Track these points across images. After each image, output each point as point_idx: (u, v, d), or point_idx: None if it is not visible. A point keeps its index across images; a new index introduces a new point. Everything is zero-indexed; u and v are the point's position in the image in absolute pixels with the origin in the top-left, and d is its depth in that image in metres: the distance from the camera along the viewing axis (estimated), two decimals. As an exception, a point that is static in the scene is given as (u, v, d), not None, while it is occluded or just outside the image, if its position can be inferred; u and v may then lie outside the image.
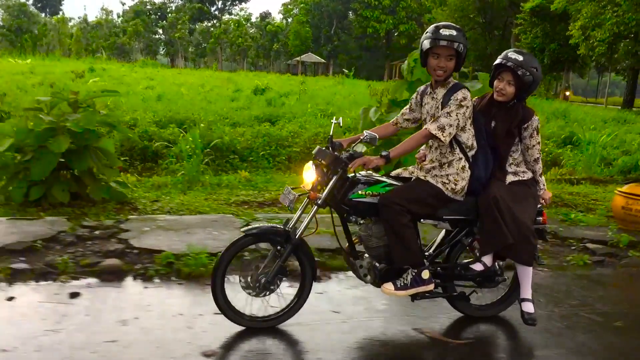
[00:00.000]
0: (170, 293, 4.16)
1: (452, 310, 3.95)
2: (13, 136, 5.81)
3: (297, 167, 8.75)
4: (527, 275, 3.74)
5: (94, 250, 4.62)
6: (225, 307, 3.50)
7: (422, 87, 3.78)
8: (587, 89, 78.78)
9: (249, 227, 3.55)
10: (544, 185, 3.82)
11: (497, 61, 3.64)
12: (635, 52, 22.67)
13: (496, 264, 3.78)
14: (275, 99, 18.54)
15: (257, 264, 3.55)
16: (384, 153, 3.35)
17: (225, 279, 3.48)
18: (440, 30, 3.43)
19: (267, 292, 3.52)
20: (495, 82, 3.65)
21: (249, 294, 3.50)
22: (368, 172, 3.58)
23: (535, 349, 3.61)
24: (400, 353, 3.47)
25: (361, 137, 3.41)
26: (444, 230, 3.82)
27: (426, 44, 3.43)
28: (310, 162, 3.55)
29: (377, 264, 3.59)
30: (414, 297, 3.63)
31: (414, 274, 3.51)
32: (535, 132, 3.68)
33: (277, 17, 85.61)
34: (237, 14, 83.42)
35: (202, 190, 7.03)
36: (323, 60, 66.29)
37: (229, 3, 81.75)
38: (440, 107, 3.51)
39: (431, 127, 3.42)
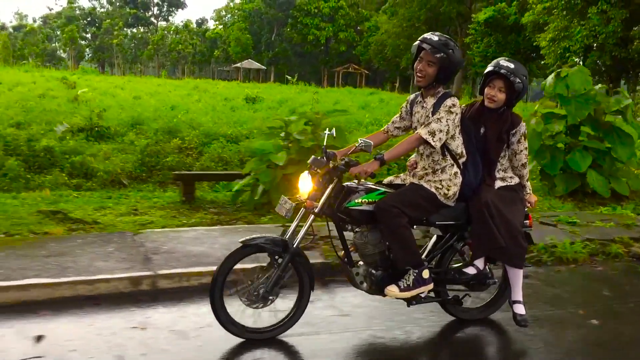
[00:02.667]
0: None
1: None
2: (274, 151, 6.48)
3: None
4: (518, 277, 3.86)
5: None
6: (226, 320, 3.48)
7: (412, 96, 3.87)
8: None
9: (247, 237, 3.49)
10: (529, 189, 3.95)
11: (489, 69, 3.74)
12: (598, 62, 25.70)
13: (487, 267, 3.89)
14: (293, 109, 18.99)
15: (255, 276, 3.53)
16: (378, 155, 3.43)
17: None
18: (428, 35, 3.57)
19: (266, 303, 3.51)
20: (487, 89, 3.74)
21: (248, 305, 3.49)
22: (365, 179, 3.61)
23: None
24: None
25: (356, 145, 3.47)
26: (435, 236, 3.91)
27: (414, 46, 3.60)
28: (306, 171, 3.58)
29: (373, 271, 3.64)
30: (409, 302, 3.70)
31: (415, 274, 3.57)
32: (522, 138, 3.80)
33: (210, 23, 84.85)
34: (168, 21, 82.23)
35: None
36: (263, 67, 66.82)
37: (165, 9, 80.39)
38: (430, 115, 3.59)
39: (422, 131, 3.51)
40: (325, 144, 3.64)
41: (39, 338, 3.49)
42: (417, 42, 3.56)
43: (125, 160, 9.28)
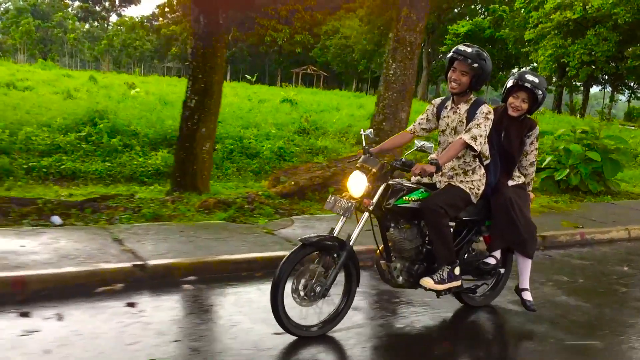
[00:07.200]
0: None
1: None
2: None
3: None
4: (527, 267, 4.16)
5: None
6: (285, 319, 3.46)
7: (437, 100, 4.03)
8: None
9: (305, 237, 3.49)
10: (531, 187, 4.27)
11: (513, 82, 3.97)
12: (594, 75, 31.06)
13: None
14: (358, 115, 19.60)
15: (309, 274, 3.48)
16: (433, 161, 3.49)
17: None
18: (460, 47, 3.74)
19: (320, 300, 3.53)
20: (511, 99, 3.99)
21: (303, 304, 3.50)
22: (415, 178, 3.81)
23: None
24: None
25: (416, 147, 3.50)
26: (452, 230, 3.96)
27: (447, 57, 3.76)
28: (356, 170, 3.59)
29: (411, 266, 3.83)
30: (439, 293, 3.83)
31: (448, 269, 3.76)
32: (535, 140, 4.11)
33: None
34: (120, 15, 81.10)
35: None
36: (219, 66, 67.85)
37: (117, 4, 79.22)
38: (464, 121, 3.77)
39: (465, 137, 3.65)
40: (365, 144, 3.73)
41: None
42: (450, 54, 3.75)
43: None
